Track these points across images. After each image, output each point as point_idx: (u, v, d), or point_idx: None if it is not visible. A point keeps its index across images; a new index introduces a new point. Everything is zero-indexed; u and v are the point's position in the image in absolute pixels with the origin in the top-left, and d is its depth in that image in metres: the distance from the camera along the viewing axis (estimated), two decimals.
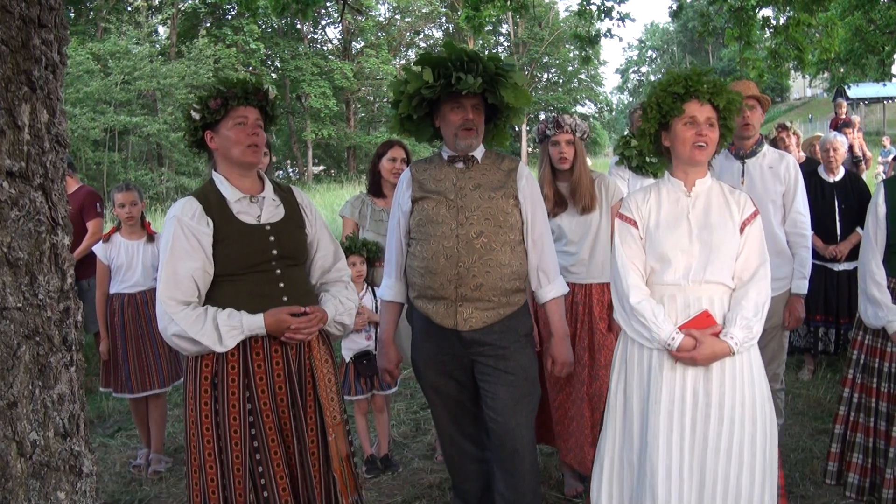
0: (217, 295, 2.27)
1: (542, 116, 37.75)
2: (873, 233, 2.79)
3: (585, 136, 3.26)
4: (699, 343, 2.23)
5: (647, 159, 4.76)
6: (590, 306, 3.27)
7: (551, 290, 2.67)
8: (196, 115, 2.30)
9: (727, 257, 2.33)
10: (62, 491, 1.61)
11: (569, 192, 3.26)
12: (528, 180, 2.65)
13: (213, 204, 2.30)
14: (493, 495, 2.78)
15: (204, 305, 2.24)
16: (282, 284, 2.34)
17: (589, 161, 3.57)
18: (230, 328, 2.20)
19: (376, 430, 3.87)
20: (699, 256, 2.34)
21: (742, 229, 2.35)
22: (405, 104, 2.52)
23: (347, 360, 3.71)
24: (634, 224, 2.42)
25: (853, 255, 4.87)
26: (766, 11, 8.11)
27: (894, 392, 2.76)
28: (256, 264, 2.30)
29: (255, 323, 2.23)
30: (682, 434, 2.27)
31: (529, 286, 2.72)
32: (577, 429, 3.21)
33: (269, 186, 2.44)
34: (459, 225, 2.52)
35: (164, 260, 2.23)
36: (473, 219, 2.52)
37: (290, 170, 34.70)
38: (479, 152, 2.62)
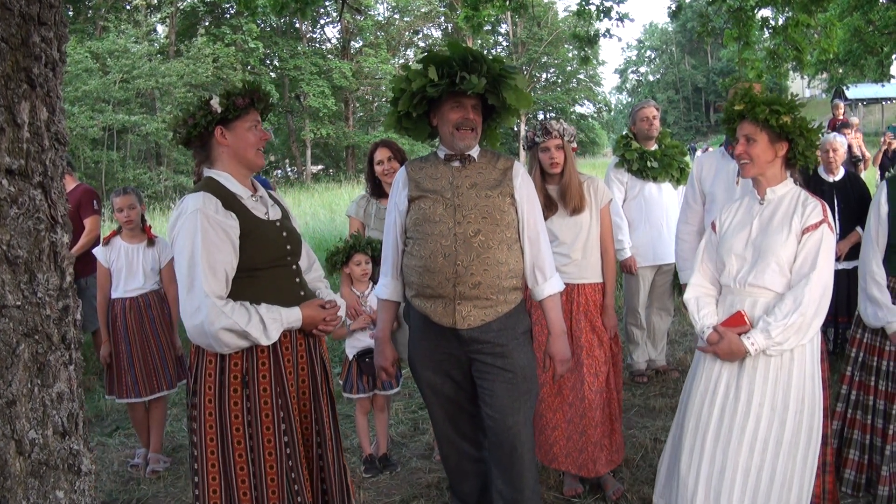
0: (242, 290, 2.23)
1: (540, 117, 37.90)
2: (874, 232, 2.80)
3: (573, 138, 3.30)
4: (721, 339, 2.40)
5: (648, 164, 4.74)
6: (585, 306, 3.28)
7: (547, 287, 2.67)
8: (219, 108, 2.24)
9: (775, 263, 2.39)
10: (61, 490, 1.61)
11: (558, 195, 3.29)
12: (524, 179, 2.65)
13: (230, 199, 2.26)
14: (491, 495, 2.78)
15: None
16: (297, 280, 2.38)
17: (587, 161, 3.60)
18: (272, 321, 2.20)
19: (375, 430, 3.87)
20: (750, 261, 2.45)
21: (801, 236, 2.39)
22: (406, 101, 2.50)
23: (351, 357, 3.71)
24: (714, 228, 2.64)
25: (852, 254, 4.88)
26: (765, 12, 8.12)
27: (892, 390, 2.79)
28: (277, 259, 2.31)
29: (293, 316, 2.25)
30: (709, 420, 2.44)
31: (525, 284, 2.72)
32: (577, 432, 3.21)
33: (259, 185, 2.45)
34: (457, 223, 2.52)
35: (193, 254, 2.13)
36: (471, 217, 2.52)
37: (289, 169, 34.68)
38: (475, 151, 2.62)
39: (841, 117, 10.55)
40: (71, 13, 27.48)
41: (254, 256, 2.24)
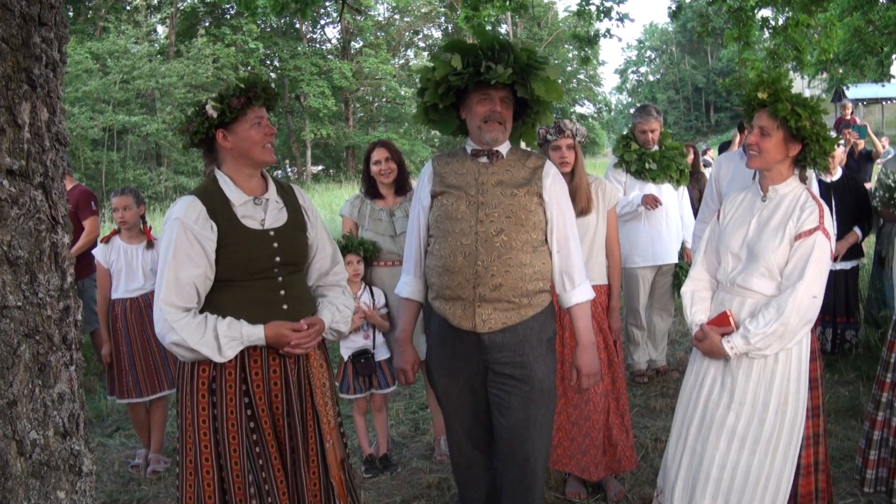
0: (216, 300, 2.22)
1: None
2: None
3: (583, 139, 3.29)
4: (705, 337, 2.46)
5: (647, 165, 4.74)
6: (593, 308, 3.27)
7: (576, 294, 2.55)
8: (214, 113, 2.21)
9: (764, 268, 2.38)
10: (62, 490, 1.61)
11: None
12: (555, 179, 2.54)
13: (218, 206, 2.23)
14: (498, 502, 2.73)
15: (203, 311, 2.19)
16: (282, 292, 2.30)
17: (587, 161, 3.61)
18: (230, 339, 2.16)
19: (375, 430, 3.87)
20: (743, 261, 2.45)
21: (794, 242, 2.36)
22: (431, 92, 2.43)
23: (346, 358, 3.71)
24: (718, 218, 2.63)
25: (849, 254, 4.89)
26: (765, 12, 8.13)
27: None
28: (259, 271, 2.26)
29: (254, 334, 2.20)
30: (693, 413, 2.49)
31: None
32: (581, 434, 3.20)
33: (272, 187, 2.38)
34: (479, 222, 2.42)
35: (165, 263, 2.16)
36: (494, 216, 2.43)
37: (289, 169, 34.64)
38: (504, 148, 2.52)
39: (848, 117, 10.55)
40: (71, 14, 27.45)
41: (230, 268, 2.22)
